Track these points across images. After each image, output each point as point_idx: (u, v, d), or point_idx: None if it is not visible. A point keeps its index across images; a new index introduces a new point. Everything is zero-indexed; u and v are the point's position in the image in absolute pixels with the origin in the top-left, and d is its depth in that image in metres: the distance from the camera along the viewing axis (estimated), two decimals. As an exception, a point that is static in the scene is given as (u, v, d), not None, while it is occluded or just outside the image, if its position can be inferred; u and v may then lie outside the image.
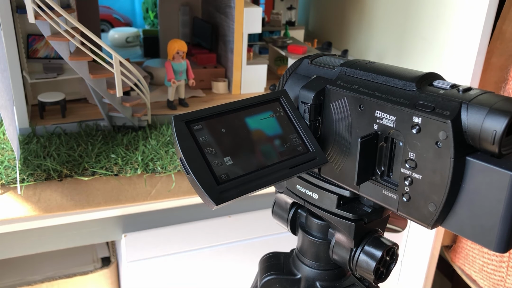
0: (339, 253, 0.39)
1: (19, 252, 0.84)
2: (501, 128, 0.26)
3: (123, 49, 1.43)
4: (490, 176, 0.27)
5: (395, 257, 0.38)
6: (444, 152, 0.28)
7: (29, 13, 0.76)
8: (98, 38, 0.80)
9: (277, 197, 0.44)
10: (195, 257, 0.94)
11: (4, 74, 0.83)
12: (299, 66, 0.39)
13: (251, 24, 1.09)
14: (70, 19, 0.76)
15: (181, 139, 0.28)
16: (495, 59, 0.98)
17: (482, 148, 0.28)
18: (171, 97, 1.05)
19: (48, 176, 0.80)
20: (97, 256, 1.02)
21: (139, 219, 0.88)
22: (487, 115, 0.27)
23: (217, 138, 0.30)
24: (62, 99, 0.97)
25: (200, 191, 0.27)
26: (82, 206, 0.79)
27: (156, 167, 0.85)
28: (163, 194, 0.83)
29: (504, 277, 0.99)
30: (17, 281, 0.94)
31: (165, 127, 0.96)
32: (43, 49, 1.01)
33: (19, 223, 0.79)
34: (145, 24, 1.54)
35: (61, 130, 0.94)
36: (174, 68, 1.02)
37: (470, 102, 0.28)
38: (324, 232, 0.41)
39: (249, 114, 0.32)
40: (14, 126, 0.83)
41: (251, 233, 0.97)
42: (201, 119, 0.30)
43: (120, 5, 1.62)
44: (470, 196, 0.29)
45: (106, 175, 0.83)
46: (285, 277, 0.43)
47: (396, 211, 0.33)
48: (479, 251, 1.05)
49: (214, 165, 0.28)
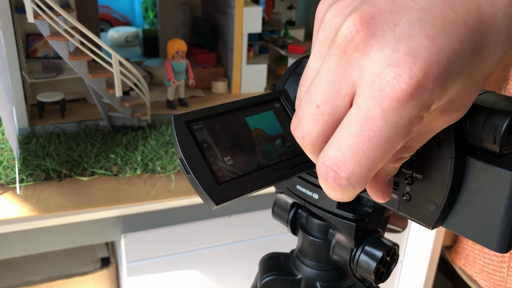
0: (340, 254, 0.39)
1: (18, 252, 0.83)
2: (502, 128, 0.26)
3: (122, 48, 1.43)
4: (491, 176, 0.27)
5: (395, 258, 0.38)
6: (445, 151, 0.28)
7: (28, 13, 0.76)
8: (97, 38, 0.80)
9: (277, 197, 0.44)
10: (195, 258, 0.94)
11: (3, 74, 0.83)
12: (300, 65, 0.39)
13: (251, 24, 1.09)
14: (69, 18, 0.76)
15: (181, 139, 0.28)
16: (495, 59, 0.98)
17: (483, 148, 0.28)
18: (171, 97, 1.05)
19: (47, 176, 0.80)
20: (97, 257, 1.02)
21: (138, 219, 0.88)
22: (488, 115, 0.27)
23: (217, 138, 0.29)
24: (61, 99, 0.97)
25: (200, 191, 0.27)
26: (82, 206, 0.79)
27: (155, 167, 0.85)
28: (163, 194, 0.83)
29: (505, 277, 0.99)
30: (16, 281, 0.94)
31: (165, 127, 0.96)
32: (43, 49, 1.01)
33: (18, 223, 0.79)
34: (145, 24, 1.54)
35: (61, 130, 0.93)
36: (173, 68, 1.02)
37: (471, 102, 0.28)
38: (324, 232, 0.41)
39: (249, 114, 0.32)
40: (13, 126, 0.83)
41: (251, 233, 0.97)
42: (201, 119, 0.30)
43: (120, 4, 1.62)
44: (471, 196, 0.29)
45: (106, 175, 0.83)
46: (285, 277, 0.43)
47: (397, 211, 0.33)
48: (480, 251, 1.05)
49: (214, 165, 0.28)
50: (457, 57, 0.20)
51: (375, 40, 0.20)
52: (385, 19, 0.20)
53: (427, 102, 0.20)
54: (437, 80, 0.20)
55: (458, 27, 0.20)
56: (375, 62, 0.20)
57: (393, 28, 0.20)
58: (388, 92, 0.20)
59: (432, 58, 0.20)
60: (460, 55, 0.20)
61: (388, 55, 0.20)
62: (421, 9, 0.20)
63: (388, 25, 0.20)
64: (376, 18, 0.20)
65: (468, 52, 0.20)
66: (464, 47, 0.20)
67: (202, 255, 0.94)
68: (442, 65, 0.20)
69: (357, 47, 0.21)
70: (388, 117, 0.20)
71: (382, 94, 0.20)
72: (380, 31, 0.20)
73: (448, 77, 0.20)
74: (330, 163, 0.21)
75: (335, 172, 0.21)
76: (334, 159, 0.21)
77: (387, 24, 0.20)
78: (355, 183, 0.21)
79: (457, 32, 0.20)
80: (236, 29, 1.08)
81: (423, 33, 0.20)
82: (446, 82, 0.20)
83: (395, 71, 0.20)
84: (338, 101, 0.21)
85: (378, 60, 0.20)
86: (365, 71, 0.20)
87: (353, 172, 0.21)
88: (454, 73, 0.20)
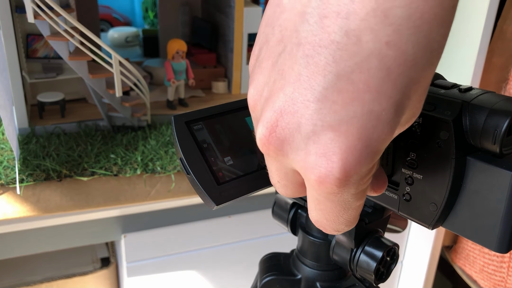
0: (340, 254, 0.39)
1: (18, 252, 0.83)
2: (502, 128, 0.26)
3: (122, 49, 1.43)
4: (491, 176, 0.27)
5: (395, 258, 0.38)
6: (445, 151, 0.28)
7: (29, 13, 0.76)
8: (97, 38, 0.80)
9: (277, 197, 0.44)
10: (195, 258, 0.94)
11: (3, 74, 0.83)
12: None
13: (251, 24, 1.09)
14: (69, 18, 0.76)
15: (181, 139, 0.28)
16: (496, 59, 0.98)
17: (483, 148, 0.28)
18: (171, 97, 1.05)
19: (48, 176, 0.80)
20: (97, 257, 1.02)
21: (138, 219, 0.88)
22: (488, 115, 0.27)
23: (217, 138, 0.29)
24: (61, 99, 0.97)
25: (200, 191, 0.27)
26: (82, 206, 0.79)
27: (155, 167, 0.85)
28: (163, 194, 0.83)
29: (505, 277, 0.99)
30: (16, 281, 0.94)
31: (165, 127, 0.96)
32: (43, 49, 1.01)
33: (18, 223, 0.79)
34: (145, 24, 1.54)
35: (61, 130, 0.93)
36: (173, 68, 1.02)
37: (471, 102, 0.28)
38: (324, 232, 0.41)
39: (249, 114, 0.32)
40: (13, 126, 0.83)
41: (251, 233, 0.97)
42: (201, 119, 0.30)
43: (120, 4, 1.62)
44: (471, 196, 0.29)
45: (106, 175, 0.83)
46: (285, 277, 0.43)
47: (397, 211, 0.33)
48: (479, 251, 1.05)
49: (214, 165, 0.28)
50: (371, 127, 0.19)
51: (288, 145, 0.21)
52: (288, 122, 0.20)
53: (361, 178, 0.20)
54: (359, 161, 0.20)
55: (361, 97, 0.19)
56: (297, 164, 0.21)
57: (298, 129, 0.20)
58: (320, 188, 0.21)
59: (342, 149, 0.19)
60: (374, 124, 0.19)
61: (303, 159, 0.20)
62: (318, 99, 0.19)
63: (293, 127, 0.20)
64: (280, 123, 0.20)
65: (384, 110, 0.19)
66: (377, 111, 0.19)
67: (202, 255, 0.94)
68: (357, 149, 0.19)
69: (276, 153, 0.21)
70: (333, 200, 0.21)
71: (317, 189, 0.21)
72: (288, 135, 0.20)
73: (370, 150, 0.20)
74: (315, 222, 0.24)
75: (323, 228, 0.24)
76: (314, 219, 0.24)
77: (292, 126, 0.20)
78: (343, 230, 0.24)
79: (362, 104, 0.19)
80: (236, 29, 1.08)
81: (325, 125, 0.19)
82: (372, 152, 0.20)
83: (316, 173, 0.20)
84: (290, 178, 0.23)
85: (297, 163, 0.21)
86: (294, 166, 0.21)
87: (335, 228, 0.24)
88: (376, 141, 0.20)
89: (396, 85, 0.19)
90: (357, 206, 0.22)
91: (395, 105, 0.19)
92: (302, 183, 0.23)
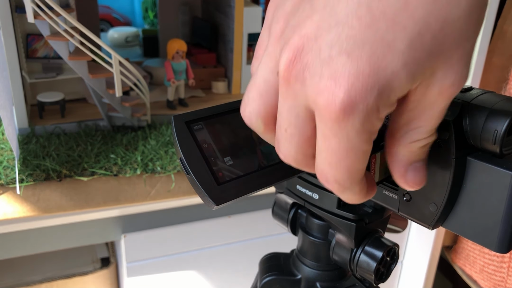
0: (340, 254, 0.39)
1: (18, 252, 0.83)
2: (502, 128, 0.26)
3: (122, 48, 1.43)
4: (491, 176, 0.27)
5: (395, 258, 0.38)
6: (445, 151, 0.28)
7: (28, 13, 0.76)
8: (97, 38, 0.80)
9: (277, 197, 0.44)
10: (195, 258, 0.94)
11: (3, 74, 0.83)
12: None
13: (251, 24, 1.09)
14: (69, 18, 0.76)
15: (181, 139, 0.28)
16: (496, 59, 0.98)
17: (483, 148, 0.28)
18: (171, 97, 1.05)
19: (47, 176, 0.80)
20: (97, 257, 1.02)
21: (138, 219, 0.88)
22: (488, 115, 0.27)
23: (217, 138, 0.29)
24: (61, 99, 0.97)
25: (200, 191, 0.27)
26: (82, 206, 0.79)
27: (155, 167, 0.85)
28: (163, 194, 0.83)
29: (505, 277, 0.99)
30: (16, 281, 0.94)
31: (165, 127, 0.96)
32: (42, 49, 1.01)
33: (18, 223, 0.79)
34: (145, 24, 1.54)
35: (61, 130, 0.93)
36: (173, 68, 1.02)
37: (471, 102, 0.28)
38: (324, 232, 0.41)
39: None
40: (13, 126, 0.83)
41: (251, 233, 0.97)
42: (201, 119, 0.30)
43: (120, 4, 1.62)
44: (471, 196, 0.29)
45: (106, 175, 0.83)
46: (285, 277, 0.43)
47: (397, 211, 0.33)
48: (480, 251, 1.05)
49: (214, 165, 0.28)
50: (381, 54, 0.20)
51: (307, 71, 0.21)
52: (312, 47, 0.21)
53: (367, 111, 0.21)
54: (365, 90, 0.20)
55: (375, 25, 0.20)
56: (311, 90, 0.21)
57: (318, 54, 0.21)
58: (327, 115, 0.21)
59: (350, 73, 0.20)
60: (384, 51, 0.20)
61: (317, 83, 0.21)
62: (338, 24, 0.21)
63: (315, 52, 0.21)
64: (305, 48, 0.21)
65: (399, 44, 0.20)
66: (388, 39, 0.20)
67: (202, 255, 0.94)
68: (364, 74, 0.20)
69: (296, 79, 0.22)
70: (337, 134, 0.21)
71: (324, 117, 0.21)
72: (310, 60, 0.21)
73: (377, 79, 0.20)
74: (319, 172, 0.24)
75: (325, 179, 0.24)
76: (319, 169, 0.24)
77: (315, 51, 0.21)
78: (344, 185, 0.23)
79: (375, 30, 0.20)
80: (236, 29, 1.08)
81: (341, 50, 0.20)
82: (379, 82, 0.20)
83: (324, 97, 0.21)
84: (300, 123, 0.23)
85: (311, 88, 0.21)
86: (308, 98, 0.22)
87: (336, 177, 0.23)
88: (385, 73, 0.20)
89: (413, 17, 0.20)
90: (362, 150, 0.22)
91: (409, 38, 0.20)
92: (310, 133, 0.23)
